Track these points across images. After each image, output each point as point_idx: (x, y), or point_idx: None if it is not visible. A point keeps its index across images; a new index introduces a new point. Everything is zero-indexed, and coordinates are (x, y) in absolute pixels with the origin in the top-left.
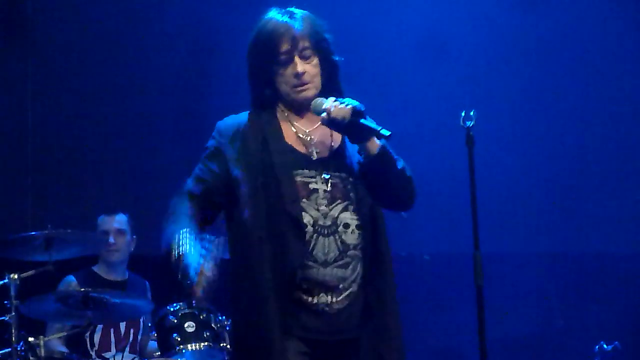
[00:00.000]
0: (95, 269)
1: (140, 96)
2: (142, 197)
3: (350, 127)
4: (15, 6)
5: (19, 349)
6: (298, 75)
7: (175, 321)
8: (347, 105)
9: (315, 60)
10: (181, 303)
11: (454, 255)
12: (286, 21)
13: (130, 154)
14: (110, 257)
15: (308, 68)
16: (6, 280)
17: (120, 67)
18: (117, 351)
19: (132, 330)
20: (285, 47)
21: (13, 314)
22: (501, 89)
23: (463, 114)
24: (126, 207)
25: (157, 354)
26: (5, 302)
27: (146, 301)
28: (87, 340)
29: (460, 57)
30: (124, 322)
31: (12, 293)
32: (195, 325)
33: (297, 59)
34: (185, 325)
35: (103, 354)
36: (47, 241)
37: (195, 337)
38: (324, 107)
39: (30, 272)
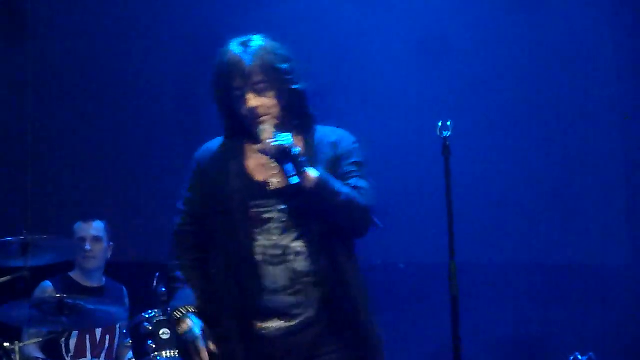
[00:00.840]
0: (72, 274)
1: (137, 98)
2: (120, 203)
3: (277, 162)
4: (15, 6)
5: None
6: (251, 110)
7: (150, 328)
8: (276, 143)
9: (272, 93)
10: (156, 310)
11: (429, 265)
12: (238, 54)
13: (109, 160)
14: (87, 263)
15: (263, 101)
16: None
17: (120, 67)
18: (92, 357)
19: (107, 336)
20: (237, 82)
21: None
22: (479, 99)
23: (440, 124)
24: (103, 214)
25: None
26: None
27: (122, 307)
28: (63, 346)
29: (439, 66)
30: (100, 330)
31: None
32: (170, 333)
33: (249, 94)
34: (160, 332)
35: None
36: (23, 247)
37: (170, 344)
38: (262, 136)
39: (6, 278)
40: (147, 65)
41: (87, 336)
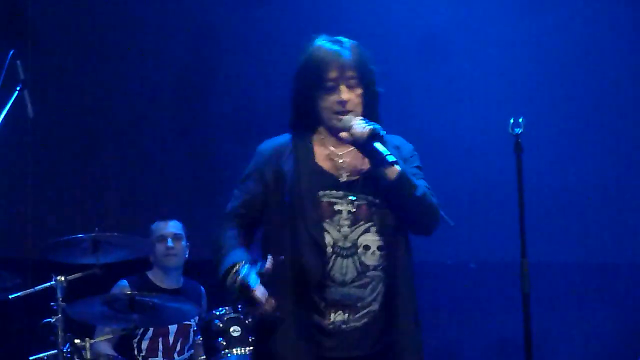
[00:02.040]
0: (150, 275)
1: (140, 96)
2: (193, 202)
3: (366, 148)
4: (15, 6)
5: (65, 350)
6: (342, 103)
7: (221, 325)
8: (367, 126)
9: (359, 90)
10: (227, 307)
11: (501, 264)
12: (336, 50)
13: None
14: (168, 262)
15: (352, 97)
16: (53, 283)
17: (120, 67)
18: (164, 358)
19: (180, 339)
20: (333, 74)
21: (59, 316)
22: (551, 95)
23: (512, 121)
24: (176, 212)
25: (202, 357)
26: (52, 304)
27: (193, 305)
28: (135, 345)
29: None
30: (174, 332)
31: (59, 295)
32: (241, 330)
33: (342, 87)
34: (231, 329)
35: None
36: (94, 244)
37: (241, 341)
38: (349, 124)
39: (77, 275)
40: (147, 65)
41: (160, 338)
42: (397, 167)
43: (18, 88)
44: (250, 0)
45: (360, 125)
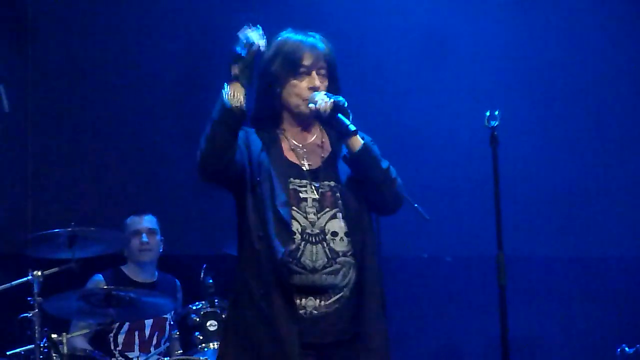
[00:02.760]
0: (124, 269)
1: (141, 94)
2: (167, 197)
3: (330, 120)
4: (15, 6)
5: (41, 345)
6: (314, 89)
7: (198, 320)
8: (331, 99)
9: (326, 82)
10: (203, 302)
11: (476, 258)
12: (311, 40)
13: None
14: (143, 257)
15: (321, 86)
16: (29, 278)
17: (120, 67)
18: (140, 352)
19: (157, 333)
20: (307, 60)
21: (36, 310)
22: (527, 88)
23: (488, 113)
24: (151, 207)
25: (179, 352)
26: (29, 299)
27: (169, 299)
28: (111, 340)
29: (487, 56)
30: (150, 326)
31: (36, 290)
32: (217, 324)
33: (314, 73)
34: (208, 324)
35: (126, 353)
36: (71, 239)
37: (217, 335)
38: (314, 99)
39: (54, 270)
40: (148, 66)
41: (137, 332)
42: (360, 139)
43: None
44: (250, 1)
45: (324, 98)
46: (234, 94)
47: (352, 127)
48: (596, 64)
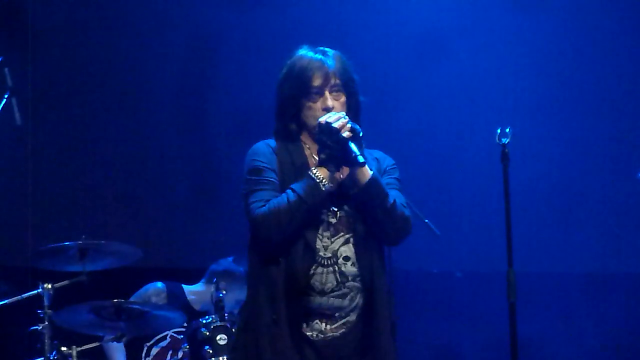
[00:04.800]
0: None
1: (140, 96)
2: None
3: (339, 144)
4: (15, 8)
5: (51, 358)
6: (327, 110)
7: (207, 334)
8: (349, 123)
9: (343, 98)
10: (213, 316)
11: (486, 274)
12: (320, 58)
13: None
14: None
15: (336, 104)
16: (40, 290)
17: (120, 67)
18: None
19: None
20: (317, 82)
21: (46, 323)
22: (536, 105)
23: (499, 130)
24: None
25: None
26: (39, 311)
27: (179, 313)
28: (145, 349)
29: (498, 72)
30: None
31: (46, 303)
32: (227, 338)
33: (327, 94)
34: (217, 337)
35: None
36: (81, 251)
37: (227, 349)
38: (328, 117)
39: (64, 282)
40: (148, 67)
41: (170, 352)
42: (369, 171)
43: (6, 96)
44: (250, 1)
45: (341, 118)
46: (323, 179)
47: (361, 159)
48: (607, 77)
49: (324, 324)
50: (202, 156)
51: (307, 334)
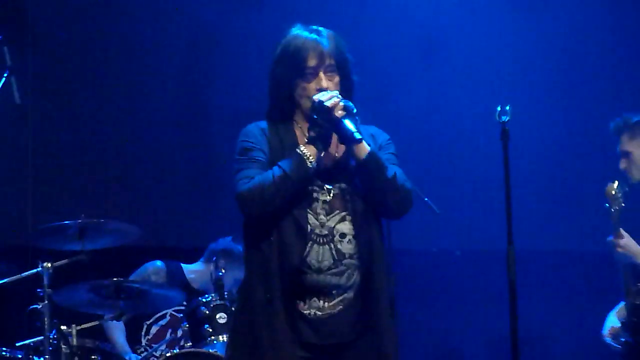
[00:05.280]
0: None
1: (141, 95)
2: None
3: (334, 122)
4: (16, 9)
5: (51, 337)
6: (321, 91)
7: (207, 312)
8: (341, 101)
9: (337, 78)
10: (213, 294)
11: (486, 252)
12: (315, 38)
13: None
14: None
15: (330, 85)
16: (39, 269)
17: (120, 67)
18: (166, 348)
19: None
20: (312, 62)
21: (46, 302)
22: (536, 83)
23: (499, 108)
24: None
25: (188, 344)
26: (39, 290)
27: (179, 291)
28: (145, 327)
29: (497, 50)
30: (183, 327)
31: (45, 282)
32: (227, 317)
33: (321, 74)
34: (217, 316)
35: (153, 345)
36: (81, 230)
37: (227, 328)
38: (322, 96)
39: (64, 261)
40: (148, 67)
41: (170, 330)
42: (367, 146)
43: (5, 75)
44: (250, 1)
45: (334, 96)
46: (310, 156)
47: (358, 136)
48: (607, 56)
49: (321, 302)
50: (202, 136)
51: (304, 312)
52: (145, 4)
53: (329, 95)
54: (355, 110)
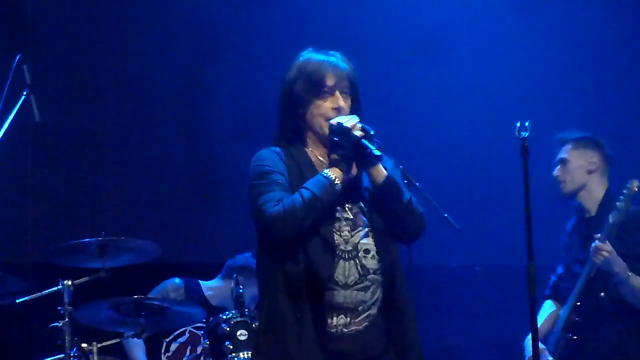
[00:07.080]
0: (203, 287)
1: (141, 98)
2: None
3: (353, 143)
4: (15, 6)
5: (72, 355)
6: (338, 110)
7: (228, 329)
8: (357, 120)
9: (349, 101)
10: (234, 311)
11: (506, 267)
12: (333, 60)
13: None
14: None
15: (344, 106)
16: (60, 287)
17: (120, 68)
18: None
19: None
20: (330, 81)
21: (66, 320)
22: (555, 99)
23: (518, 124)
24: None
25: None
26: (59, 308)
27: (200, 308)
28: (164, 344)
29: (518, 66)
30: (204, 344)
31: (66, 299)
32: (247, 334)
33: (337, 93)
34: (238, 333)
35: None
36: (101, 248)
37: (247, 345)
38: (343, 120)
39: (84, 279)
40: (149, 68)
41: (189, 347)
42: (384, 170)
43: (25, 93)
44: (251, 1)
45: (352, 119)
46: (336, 178)
47: (377, 152)
48: (624, 70)
49: (348, 318)
50: (207, 156)
51: (332, 330)
52: (147, 9)
53: (347, 118)
54: (372, 132)
